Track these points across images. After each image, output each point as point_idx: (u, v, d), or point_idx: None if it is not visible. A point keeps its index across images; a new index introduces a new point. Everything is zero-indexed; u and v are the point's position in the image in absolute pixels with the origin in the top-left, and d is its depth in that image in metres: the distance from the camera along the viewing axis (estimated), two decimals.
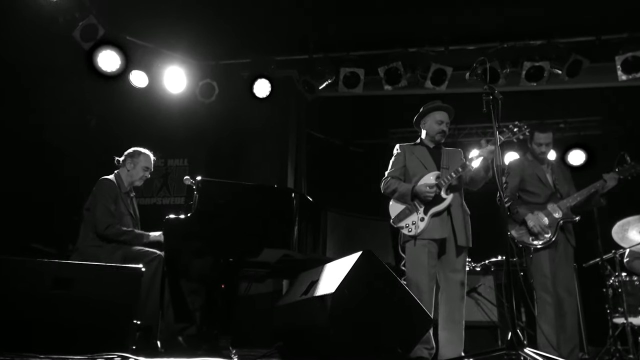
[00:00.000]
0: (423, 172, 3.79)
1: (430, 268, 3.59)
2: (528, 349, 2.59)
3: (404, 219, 3.71)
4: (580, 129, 7.58)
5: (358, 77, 5.97)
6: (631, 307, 4.61)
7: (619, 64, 5.52)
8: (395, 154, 3.99)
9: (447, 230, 3.66)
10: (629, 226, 4.72)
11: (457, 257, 3.68)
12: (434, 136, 3.90)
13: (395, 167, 3.92)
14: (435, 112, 3.91)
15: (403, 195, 3.74)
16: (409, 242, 3.69)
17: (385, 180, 3.89)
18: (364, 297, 2.67)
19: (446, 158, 3.87)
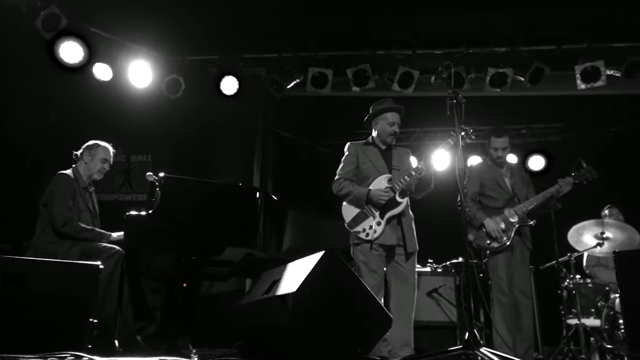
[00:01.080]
0: (375, 174, 3.78)
1: (380, 271, 3.66)
2: (484, 348, 2.64)
3: (360, 222, 3.70)
4: (540, 135, 7.80)
5: (326, 78, 5.99)
6: (584, 308, 4.76)
7: (579, 73, 5.70)
8: (347, 154, 3.96)
9: (398, 236, 3.71)
10: (584, 230, 4.87)
11: (407, 261, 3.73)
12: (385, 138, 3.90)
13: (347, 169, 3.88)
14: (387, 114, 3.89)
15: (358, 199, 3.71)
16: (360, 245, 3.69)
17: (338, 182, 3.85)
18: (325, 297, 2.67)
19: (397, 159, 3.88)
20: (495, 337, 4.07)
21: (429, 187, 3.84)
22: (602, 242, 4.77)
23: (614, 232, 4.78)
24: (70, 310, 2.87)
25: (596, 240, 4.80)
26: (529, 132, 7.78)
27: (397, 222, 3.72)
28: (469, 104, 3.28)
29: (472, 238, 4.23)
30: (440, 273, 5.43)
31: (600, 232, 4.78)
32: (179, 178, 3.83)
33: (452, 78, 3.32)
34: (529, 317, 4.12)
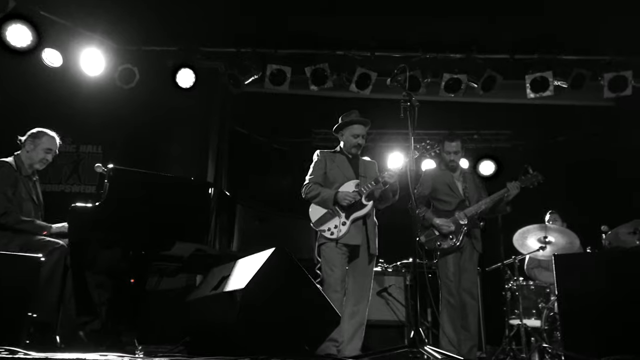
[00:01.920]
0: (342, 180, 3.95)
1: (342, 270, 3.78)
2: (428, 347, 2.71)
3: (325, 222, 3.83)
4: (491, 141, 8.03)
5: (284, 75, 5.97)
6: (526, 309, 4.94)
7: (529, 83, 5.92)
8: (316, 160, 4.10)
9: (362, 237, 3.85)
10: (529, 234, 5.04)
11: (368, 264, 3.89)
12: (350, 149, 4.07)
13: (316, 173, 4.03)
14: (353, 126, 4.06)
15: (325, 200, 3.86)
16: (325, 244, 3.83)
17: (307, 186, 3.98)
18: (274, 294, 2.67)
19: (363, 168, 4.07)
20: (442, 337, 4.18)
21: (392, 198, 4.02)
22: (545, 245, 4.96)
23: (556, 236, 4.98)
24: (7, 304, 2.75)
25: (539, 244, 4.99)
26: (480, 137, 7.99)
27: (362, 224, 3.88)
28: (424, 108, 3.36)
29: (423, 240, 4.34)
30: (391, 273, 5.51)
31: (544, 236, 4.97)
32: (129, 170, 3.73)
33: (407, 81, 3.35)
34: (474, 317, 4.26)
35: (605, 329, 2.29)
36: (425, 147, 3.65)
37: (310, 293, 2.77)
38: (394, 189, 3.94)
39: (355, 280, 3.86)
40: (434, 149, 3.58)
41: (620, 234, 4.78)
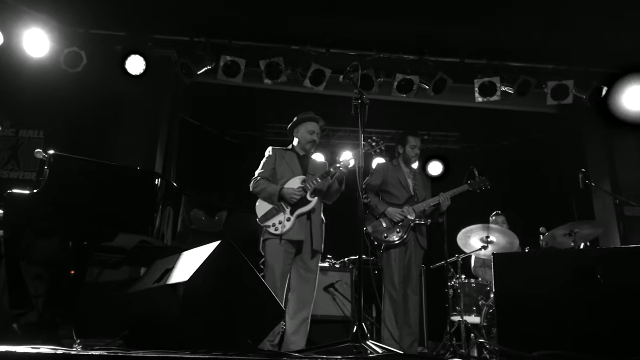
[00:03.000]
0: (290, 175, 3.98)
1: (284, 266, 3.81)
2: (370, 341, 2.75)
3: (270, 218, 3.86)
4: (441, 142, 8.24)
5: (238, 67, 5.90)
6: (467, 306, 5.09)
7: (477, 87, 6.09)
8: (267, 156, 4.13)
9: (306, 233, 3.88)
10: (472, 233, 5.20)
11: (311, 259, 3.93)
12: (304, 145, 4.11)
13: (266, 169, 4.06)
14: (308, 122, 4.13)
15: (271, 195, 3.89)
16: (269, 240, 3.85)
17: (255, 180, 4.01)
18: (218, 287, 2.64)
19: (313, 166, 4.11)
20: (383, 331, 4.25)
21: (339, 188, 4.04)
22: (487, 245, 5.13)
23: (498, 236, 5.16)
24: None
25: (481, 244, 5.16)
26: (430, 138, 8.19)
27: (307, 219, 3.90)
28: (376, 107, 3.41)
29: (370, 230, 4.37)
30: (338, 268, 5.55)
31: (486, 236, 5.14)
32: (71, 157, 3.59)
33: (359, 79, 3.39)
34: (415, 313, 4.35)
35: (537, 326, 2.39)
36: (371, 144, 3.69)
37: (255, 287, 2.75)
38: (340, 179, 3.97)
39: (299, 275, 3.90)
40: (380, 145, 3.64)
41: (557, 236, 5.00)
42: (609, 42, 5.84)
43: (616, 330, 2.26)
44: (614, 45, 5.86)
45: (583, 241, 5.02)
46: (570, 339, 2.30)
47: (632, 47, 5.78)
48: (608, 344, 2.23)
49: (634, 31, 5.57)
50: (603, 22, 5.56)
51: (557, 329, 2.36)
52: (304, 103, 6.41)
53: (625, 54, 5.84)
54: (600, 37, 5.77)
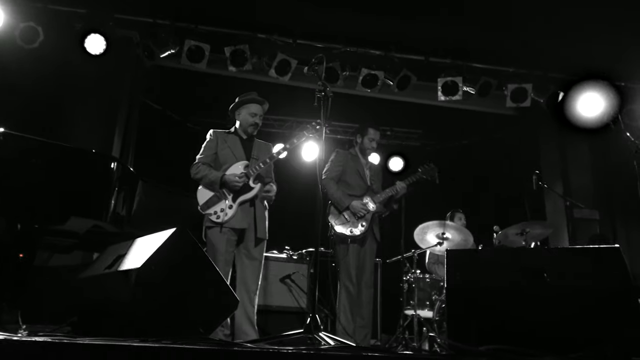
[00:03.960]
0: (233, 161, 3.87)
1: (227, 254, 3.71)
2: (323, 333, 2.76)
3: (212, 205, 3.75)
4: (403, 138, 8.34)
5: (203, 53, 5.80)
6: (420, 301, 5.17)
7: (440, 86, 6.19)
8: (208, 139, 4.01)
9: (249, 220, 3.80)
10: (428, 229, 5.29)
11: (255, 246, 3.83)
12: (246, 128, 4.00)
13: (206, 154, 3.94)
14: (250, 105, 4.01)
15: (212, 182, 3.77)
16: (212, 228, 3.75)
17: (195, 165, 3.90)
18: (171, 275, 2.59)
19: (257, 150, 4.00)
20: (337, 324, 4.26)
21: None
22: (442, 241, 5.23)
23: (453, 233, 5.27)
24: None
25: (437, 240, 5.26)
26: (393, 134, 8.27)
27: (250, 206, 3.81)
28: (341, 100, 3.41)
29: (335, 224, 4.32)
30: (295, 260, 5.55)
31: (442, 232, 5.24)
32: (22, 136, 3.45)
33: (323, 71, 3.37)
34: (369, 306, 4.37)
35: (486, 321, 2.45)
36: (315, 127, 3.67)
37: (209, 276, 2.72)
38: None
39: (243, 264, 3.81)
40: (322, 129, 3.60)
41: (509, 235, 5.16)
42: (567, 49, 6.03)
43: (560, 327, 2.34)
44: (571, 52, 6.05)
45: (534, 240, 5.19)
46: (516, 335, 2.37)
47: (588, 55, 5.98)
48: (552, 340, 2.30)
49: (590, 41, 5.77)
50: (563, 30, 5.74)
51: (505, 324, 2.43)
52: (270, 93, 6.38)
53: (582, 61, 6.04)
54: (560, 44, 5.95)
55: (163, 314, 2.53)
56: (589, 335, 2.24)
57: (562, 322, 2.34)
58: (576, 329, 2.31)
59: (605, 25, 5.58)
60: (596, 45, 5.84)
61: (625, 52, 5.88)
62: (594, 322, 2.29)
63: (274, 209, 4.12)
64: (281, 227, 4.84)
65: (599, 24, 5.58)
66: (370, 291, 4.40)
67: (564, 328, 2.33)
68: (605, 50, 5.87)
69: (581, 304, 2.35)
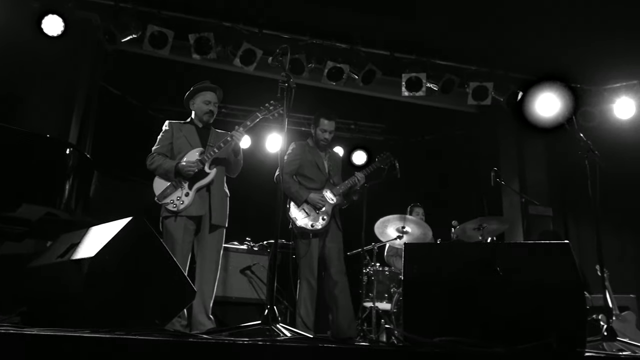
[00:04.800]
0: (188, 149, 3.84)
1: (184, 244, 3.68)
2: (281, 324, 2.76)
3: (168, 195, 3.72)
4: (366, 132, 8.39)
5: (166, 39, 5.66)
6: (379, 293, 5.25)
7: (404, 81, 6.24)
8: (164, 130, 3.98)
9: (205, 207, 3.76)
10: (389, 223, 5.37)
11: (210, 233, 3.78)
12: (202, 116, 3.97)
13: (162, 144, 3.91)
14: (204, 92, 3.99)
15: (167, 171, 3.74)
16: (168, 218, 3.71)
17: (151, 156, 3.86)
18: (126, 265, 2.54)
19: (214, 138, 3.96)
20: (297, 317, 4.23)
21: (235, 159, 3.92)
22: (402, 235, 5.32)
23: (413, 227, 5.36)
24: None
25: (397, 233, 5.33)
26: (357, 128, 8.31)
27: (206, 191, 3.77)
28: (306, 92, 3.40)
29: (294, 219, 4.25)
30: (257, 251, 5.53)
31: (402, 226, 5.32)
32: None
33: (287, 62, 3.36)
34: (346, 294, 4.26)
35: (441, 313, 2.50)
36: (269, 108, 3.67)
37: (166, 266, 2.68)
38: (236, 150, 3.86)
39: (201, 253, 3.77)
40: (278, 110, 3.61)
41: (467, 229, 5.28)
42: (527, 50, 6.19)
43: (511, 319, 2.41)
44: (531, 53, 6.22)
45: (490, 235, 5.33)
46: (469, 326, 2.42)
47: (547, 57, 6.16)
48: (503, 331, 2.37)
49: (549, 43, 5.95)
50: (524, 32, 5.89)
51: (459, 316, 2.48)
52: (233, 82, 6.31)
53: (541, 63, 6.22)
54: (520, 45, 6.11)
55: (117, 305, 2.48)
56: (538, 327, 2.32)
57: (513, 314, 2.41)
58: (526, 320, 2.39)
59: (563, 30, 5.76)
60: (555, 48, 6.02)
61: (583, 56, 6.08)
62: (542, 314, 2.37)
63: (235, 200, 4.08)
64: (243, 218, 4.80)
65: (558, 28, 5.76)
66: (344, 279, 4.29)
67: (515, 320, 2.40)
68: (563, 53, 6.06)
69: (531, 296, 2.43)
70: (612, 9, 5.34)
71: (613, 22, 5.46)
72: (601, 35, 5.62)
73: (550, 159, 7.29)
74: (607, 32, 5.58)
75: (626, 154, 6.17)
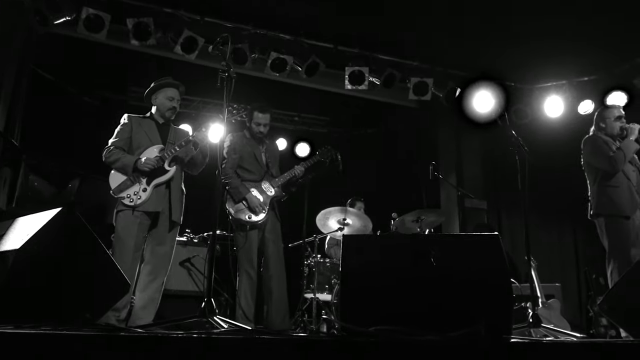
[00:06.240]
0: (148, 144, 3.82)
1: (137, 239, 3.66)
2: (218, 317, 2.74)
3: (125, 189, 3.68)
4: (310, 124, 8.42)
5: (102, 22, 5.43)
6: (320, 284, 5.29)
7: (347, 75, 6.30)
8: (122, 123, 3.92)
9: (164, 204, 3.76)
10: (330, 215, 5.43)
11: (168, 231, 3.81)
12: (164, 112, 3.96)
13: (120, 137, 3.85)
14: (167, 89, 3.97)
15: (125, 166, 3.71)
16: (123, 211, 3.68)
17: (108, 149, 3.79)
18: (54, 258, 2.44)
19: (174, 135, 3.97)
20: (238, 309, 4.22)
21: (202, 161, 3.95)
22: (343, 227, 5.39)
23: (354, 219, 5.44)
24: None
25: (338, 225, 5.40)
26: (300, 120, 8.32)
27: (165, 188, 3.77)
28: (248, 83, 3.37)
29: (233, 212, 4.28)
30: (196, 243, 5.45)
31: (343, 218, 5.39)
32: None
33: (228, 51, 3.32)
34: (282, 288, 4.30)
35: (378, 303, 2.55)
36: (231, 111, 3.69)
37: (97, 259, 2.59)
38: (204, 152, 3.88)
39: (153, 249, 3.77)
40: (241, 113, 3.66)
41: (406, 222, 5.42)
42: (465, 49, 6.38)
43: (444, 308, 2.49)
44: (469, 52, 6.43)
45: (428, 227, 5.50)
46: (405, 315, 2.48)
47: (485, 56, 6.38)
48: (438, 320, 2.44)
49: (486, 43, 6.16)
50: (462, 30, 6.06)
51: (394, 306, 2.54)
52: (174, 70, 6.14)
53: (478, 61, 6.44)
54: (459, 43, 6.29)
55: (44, 298, 2.38)
56: (468, 315, 2.41)
57: (446, 303, 2.50)
58: (458, 309, 2.48)
59: (498, 30, 5.98)
60: (493, 48, 6.25)
61: (516, 56, 6.34)
62: (472, 303, 2.47)
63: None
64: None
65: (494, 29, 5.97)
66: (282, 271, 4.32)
67: (448, 308, 2.49)
68: (499, 53, 6.29)
69: (462, 286, 2.52)
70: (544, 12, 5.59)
71: (544, 25, 5.73)
72: (533, 36, 5.89)
73: (485, 154, 7.58)
74: (539, 34, 5.85)
75: (555, 150, 6.51)
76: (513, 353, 1.97)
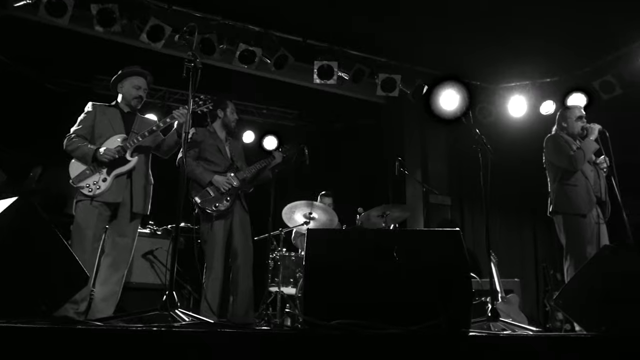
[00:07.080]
0: (110, 133, 3.74)
1: (97, 230, 3.60)
2: (180, 310, 2.71)
3: (84, 179, 3.61)
4: (278, 117, 8.40)
5: (65, 7, 5.24)
6: (285, 278, 5.30)
7: (316, 69, 6.29)
8: (86, 112, 3.84)
9: (125, 195, 3.70)
10: (296, 209, 5.43)
11: (129, 222, 3.74)
12: (130, 101, 3.90)
13: (83, 126, 3.78)
14: (134, 77, 3.91)
15: (85, 155, 3.63)
16: (82, 201, 3.61)
17: (69, 137, 3.71)
18: (7, 249, 2.36)
19: (139, 124, 3.89)
20: (203, 302, 4.15)
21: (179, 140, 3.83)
22: (309, 221, 5.40)
23: (320, 213, 5.46)
24: None
25: (304, 219, 5.41)
26: (269, 112, 8.28)
27: (127, 178, 3.70)
28: (216, 74, 3.33)
29: (199, 200, 4.18)
30: (160, 236, 5.37)
31: (309, 212, 5.41)
32: None
33: (195, 41, 3.27)
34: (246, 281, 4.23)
35: (341, 296, 2.56)
36: (198, 102, 3.64)
37: (54, 250, 2.52)
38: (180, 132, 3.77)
39: (114, 240, 3.70)
40: (208, 105, 3.61)
41: (371, 216, 5.47)
42: (433, 47, 6.47)
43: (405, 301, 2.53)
44: (437, 50, 6.51)
45: (393, 223, 5.56)
46: (367, 309, 2.51)
47: (452, 54, 6.48)
48: (400, 314, 2.48)
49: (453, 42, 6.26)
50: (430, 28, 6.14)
51: (357, 299, 2.56)
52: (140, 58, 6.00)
53: (445, 59, 6.53)
54: (426, 41, 6.37)
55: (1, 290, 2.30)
56: (429, 309, 2.45)
57: (407, 296, 2.54)
58: (419, 303, 2.52)
59: (465, 31, 6.09)
60: (460, 47, 6.35)
61: (482, 55, 6.47)
62: (433, 297, 2.51)
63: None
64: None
65: (460, 30, 6.07)
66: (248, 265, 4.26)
67: (409, 302, 2.52)
68: (466, 52, 6.40)
69: (424, 280, 2.56)
70: (510, 13, 5.71)
71: (509, 26, 5.85)
72: (499, 37, 6.01)
73: (450, 151, 7.71)
74: (504, 34, 5.98)
75: (518, 149, 6.67)
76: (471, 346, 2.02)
